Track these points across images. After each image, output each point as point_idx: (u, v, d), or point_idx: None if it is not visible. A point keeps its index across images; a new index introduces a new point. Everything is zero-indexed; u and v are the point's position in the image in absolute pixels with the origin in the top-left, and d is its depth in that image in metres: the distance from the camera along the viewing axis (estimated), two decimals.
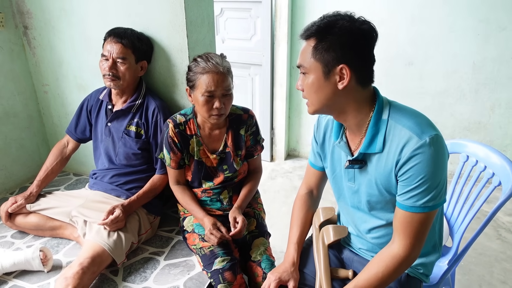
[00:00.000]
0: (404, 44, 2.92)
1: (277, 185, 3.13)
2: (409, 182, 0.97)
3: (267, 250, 1.48)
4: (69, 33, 1.87)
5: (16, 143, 2.08)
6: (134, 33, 1.58)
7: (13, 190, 2.07)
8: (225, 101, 1.39)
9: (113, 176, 1.67)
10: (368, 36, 0.97)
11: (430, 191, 0.97)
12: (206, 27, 1.72)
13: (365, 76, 1.00)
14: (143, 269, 1.47)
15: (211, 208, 1.57)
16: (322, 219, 1.31)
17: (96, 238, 1.42)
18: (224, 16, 3.25)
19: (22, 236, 1.67)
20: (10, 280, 1.42)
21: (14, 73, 2.00)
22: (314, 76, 0.99)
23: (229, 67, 1.41)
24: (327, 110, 1.05)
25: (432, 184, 0.96)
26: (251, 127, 1.56)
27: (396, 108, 1.03)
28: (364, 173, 1.08)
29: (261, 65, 3.25)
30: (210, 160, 1.53)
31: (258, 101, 3.42)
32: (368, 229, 1.15)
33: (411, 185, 0.97)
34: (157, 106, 1.63)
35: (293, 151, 3.66)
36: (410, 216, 1.00)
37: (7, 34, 1.93)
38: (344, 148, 1.11)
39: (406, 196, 0.99)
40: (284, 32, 3.11)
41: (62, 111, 2.11)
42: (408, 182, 0.98)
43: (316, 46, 0.97)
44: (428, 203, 0.98)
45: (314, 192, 1.36)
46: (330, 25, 0.96)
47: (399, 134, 0.98)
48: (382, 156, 1.02)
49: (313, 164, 1.32)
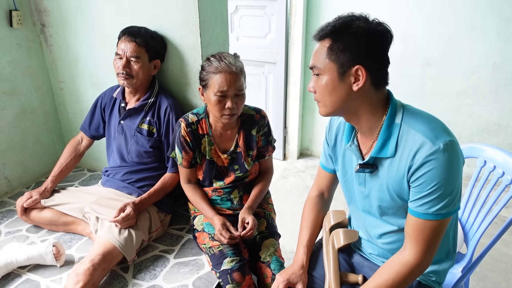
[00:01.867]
0: (421, 44, 2.86)
1: (289, 184, 3.12)
2: (421, 188, 0.95)
3: (276, 251, 1.47)
4: (85, 31, 1.89)
5: (32, 139, 2.12)
6: (148, 32, 1.59)
7: (29, 184, 2.11)
8: (237, 101, 1.38)
9: (125, 174, 1.69)
10: (384, 37, 0.95)
11: (444, 198, 0.94)
12: (219, 26, 1.71)
13: (380, 78, 0.98)
14: (153, 267, 1.48)
15: (221, 207, 1.57)
16: (332, 222, 1.29)
17: (108, 235, 1.44)
18: (239, 14, 3.24)
19: (36, 230, 1.71)
20: (24, 274, 1.45)
21: (32, 70, 2.04)
22: (328, 77, 0.97)
23: (242, 67, 1.41)
24: (340, 112, 1.03)
25: (446, 191, 0.93)
26: (263, 128, 1.55)
27: (410, 112, 1.01)
28: (375, 177, 1.06)
29: (275, 64, 3.23)
30: (221, 159, 1.53)
31: (272, 100, 3.41)
32: (379, 234, 1.13)
33: (424, 192, 0.95)
34: (170, 104, 1.63)
35: (306, 150, 3.63)
36: (422, 223, 0.97)
37: (25, 32, 1.97)
38: (355, 152, 1.09)
39: (419, 202, 0.97)
40: (299, 31, 3.08)
41: (77, 108, 2.14)
42: (420, 189, 0.95)
43: (331, 46, 0.95)
44: (441, 210, 0.95)
45: (325, 195, 1.35)
46: (346, 25, 0.94)
47: (412, 139, 0.96)
48: (394, 161, 1.00)
49: (325, 167, 1.30)
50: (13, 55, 1.94)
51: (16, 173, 2.06)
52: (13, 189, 2.05)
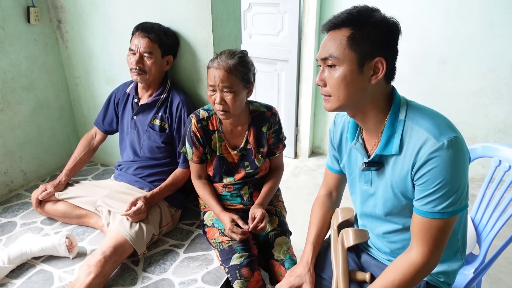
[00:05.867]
0: (437, 41, 2.81)
1: (300, 182, 3.11)
2: (426, 186, 0.93)
3: (289, 249, 1.47)
4: (99, 27, 1.92)
5: (48, 133, 2.17)
6: (161, 28, 1.60)
7: (44, 178, 2.16)
8: (227, 98, 1.37)
9: (137, 168, 1.71)
10: (397, 30, 0.95)
11: (449, 196, 0.92)
12: (232, 23, 1.71)
13: (393, 71, 0.98)
14: (162, 261, 1.50)
15: (231, 203, 1.58)
16: (340, 220, 1.28)
17: (119, 228, 1.46)
18: (252, 11, 3.24)
19: (50, 222, 1.74)
20: (38, 264, 1.49)
21: (48, 65, 2.08)
22: (347, 68, 0.92)
23: (237, 64, 1.35)
24: (349, 107, 1.00)
25: (451, 189, 0.92)
26: (274, 125, 1.55)
27: (414, 108, 0.99)
28: (381, 175, 1.05)
29: (287, 61, 3.22)
30: (231, 156, 1.53)
31: (284, 97, 3.40)
32: (384, 233, 1.12)
33: (428, 190, 0.93)
34: (182, 100, 1.64)
35: (318, 148, 3.62)
36: (428, 222, 0.96)
37: (41, 28, 2.01)
38: (360, 150, 1.08)
39: (424, 201, 0.95)
40: (312, 28, 3.06)
41: (92, 103, 2.17)
42: (425, 187, 0.94)
43: (352, 35, 0.91)
44: (447, 208, 0.93)
45: (334, 194, 1.34)
46: (367, 15, 0.93)
47: (416, 135, 0.94)
48: (399, 158, 0.98)
49: (331, 167, 1.29)
50: (30, 51, 1.98)
51: (32, 167, 2.11)
52: (28, 182, 2.10)
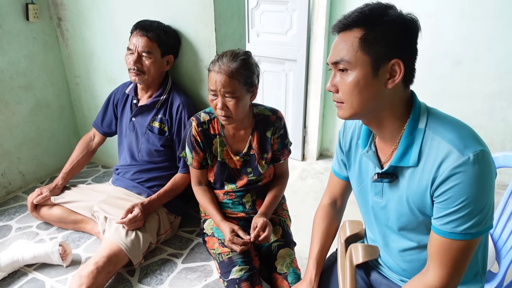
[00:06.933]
0: (452, 42, 2.68)
1: (307, 186, 3.02)
2: (447, 204, 0.84)
3: (293, 262, 1.39)
4: (100, 25, 1.85)
5: (47, 133, 2.11)
6: (161, 26, 1.53)
7: (44, 179, 2.10)
8: (229, 103, 1.29)
9: (135, 173, 1.64)
10: (416, 28, 0.86)
11: (473, 217, 0.83)
12: (236, 21, 1.63)
13: (411, 74, 0.89)
14: (159, 271, 1.43)
15: (233, 211, 1.50)
16: (348, 233, 1.19)
17: (114, 237, 1.39)
18: (260, 9, 3.15)
19: (46, 227, 1.69)
20: (30, 273, 1.43)
21: (47, 64, 2.02)
22: (360, 73, 0.85)
23: (240, 68, 1.27)
24: (364, 114, 0.92)
25: (476, 209, 0.82)
26: (279, 130, 1.46)
27: (436, 116, 0.90)
28: (394, 188, 0.96)
29: (296, 61, 3.13)
30: (233, 161, 1.45)
31: (292, 98, 3.31)
32: (397, 250, 1.03)
33: (450, 209, 0.84)
34: (182, 102, 1.57)
35: (326, 151, 3.52)
36: (447, 243, 0.86)
37: (41, 26, 1.95)
38: (372, 159, 0.99)
39: (444, 220, 0.86)
40: (322, 27, 2.96)
41: (92, 103, 2.11)
42: (446, 205, 0.84)
43: (364, 37, 0.84)
44: (470, 229, 0.84)
45: (338, 202, 1.25)
46: (380, 13, 0.84)
47: (437, 147, 0.85)
48: (416, 171, 0.89)
49: (337, 173, 1.20)
50: (29, 49, 1.92)
51: (30, 168, 2.05)
52: (27, 184, 2.05)
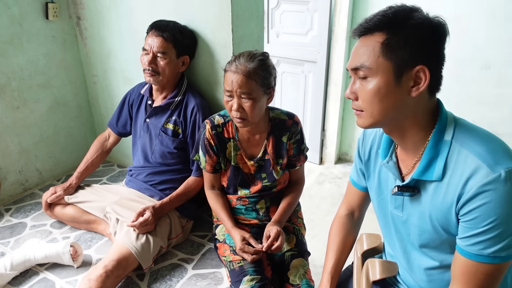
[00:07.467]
0: (481, 45, 2.56)
1: (324, 191, 2.94)
2: (474, 224, 0.77)
3: (306, 273, 1.33)
4: (117, 25, 1.84)
5: (65, 132, 2.12)
6: (177, 26, 1.50)
7: (60, 177, 2.11)
8: (245, 105, 1.25)
9: (148, 175, 1.62)
10: (444, 32, 0.80)
11: (503, 239, 0.76)
12: (254, 22, 1.59)
13: (438, 81, 0.83)
14: (169, 277, 1.40)
15: (246, 217, 1.45)
16: (365, 247, 1.13)
17: (125, 240, 1.37)
18: (280, 9, 3.10)
19: (60, 226, 1.69)
20: (41, 272, 1.42)
21: (66, 63, 2.03)
22: (382, 80, 0.80)
23: (257, 68, 1.23)
24: (386, 124, 0.86)
25: (506, 230, 0.75)
26: (295, 135, 1.41)
27: (464, 127, 0.83)
28: (415, 202, 0.89)
29: (315, 62, 3.06)
30: (247, 166, 1.41)
31: (310, 100, 3.24)
32: (419, 268, 0.96)
33: (477, 229, 0.77)
34: (197, 104, 1.53)
35: (345, 155, 3.43)
36: (474, 265, 0.80)
37: (60, 24, 1.95)
38: (393, 170, 0.92)
39: (470, 241, 0.79)
40: (343, 28, 2.88)
41: (109, 103, 2.11)
42: (473, 224, 0.78)
43: (387, 41, 0.78)
44: (499, 252, 0.77)
45: (356, 214, 1.19)
46: (404, 16, 0.79)
47: (464, 161, 0.78)
48: (441, 185, 0.83)
49: (355, 183, 1.14)
50: (48, 48, 1.93)
51: (47, 166, 2.07)
52: (44, 181, 2.06)
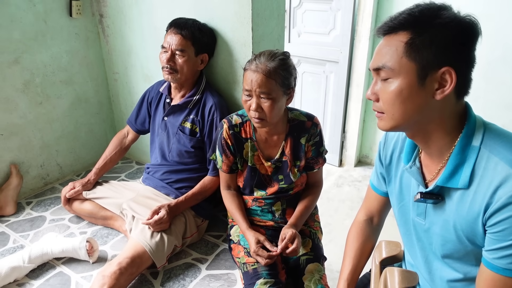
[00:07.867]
0: None
1: (343, 194, 2.89)
2: (503, 236, 0.72)
3: (322, 278, 1.30)
4: (139, 22, 1.85)
5: (85, 128, 2.15)
6: (196, 24, 1.49)
7: (80, 172, 2.14)
8: (264, 105, 1.22)
9: (164, 173, 1.61)
10: (475, 32, 0.75)
11: None
12: (275, 20, 1.56)
13: (466, 84, 0.78)
14: (183, 276, 1.39)
15: (261, 219, 1.43)
16: (384, 255, 1.08)
17: (139, 237, 1.37)
18: (303, 8, 3.05)
19: (78, 221, 1.71)
20: (58, 266, 1.44)
21: (88, 60, 2.05)
22: (404, 81, 0.76)
23: (278, 68, 1.20)
24: (408, 127, 0.82)
25: None
26: (314, 137, 1.37)
27: (494, 133, 0.78)
28: (439, 210, 0.85)
29: (337, 63, 3.00)
30: (264, 167, 1.38)
31: (331, 101, 3.18)
32: (441, 280, 0.91)
33: (506, 241, 0.72)
34: (215, 103, 1.52)
35: (365, 158, 3.36)
36: (501, 280, 0.75)
37: (83, 22, 1.98)
38: (416, 176, 0.88)
39: (498, 254, 0.74)
40: (367, 27, 2.81)
41: (129, 100, 2.13)
42: (501, 237, 0.73)
43: (411, 41, 0.74)
44: None
45: (375, 220, 1.14)
46: (431, 14, 0.74)
47: (494, 169, 0.73)
48: (467, 194, 0.78)
49: (375, 188, 1.10)
50: (71, 45, 1.96)
51: (68, 161, 2.10)
52: (64, 176, 2.10)
